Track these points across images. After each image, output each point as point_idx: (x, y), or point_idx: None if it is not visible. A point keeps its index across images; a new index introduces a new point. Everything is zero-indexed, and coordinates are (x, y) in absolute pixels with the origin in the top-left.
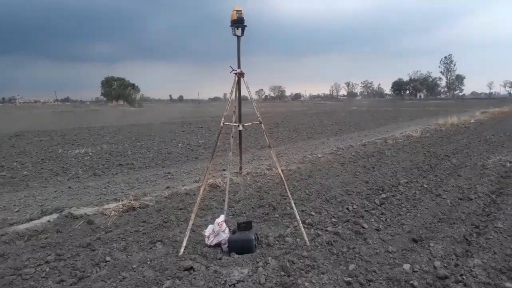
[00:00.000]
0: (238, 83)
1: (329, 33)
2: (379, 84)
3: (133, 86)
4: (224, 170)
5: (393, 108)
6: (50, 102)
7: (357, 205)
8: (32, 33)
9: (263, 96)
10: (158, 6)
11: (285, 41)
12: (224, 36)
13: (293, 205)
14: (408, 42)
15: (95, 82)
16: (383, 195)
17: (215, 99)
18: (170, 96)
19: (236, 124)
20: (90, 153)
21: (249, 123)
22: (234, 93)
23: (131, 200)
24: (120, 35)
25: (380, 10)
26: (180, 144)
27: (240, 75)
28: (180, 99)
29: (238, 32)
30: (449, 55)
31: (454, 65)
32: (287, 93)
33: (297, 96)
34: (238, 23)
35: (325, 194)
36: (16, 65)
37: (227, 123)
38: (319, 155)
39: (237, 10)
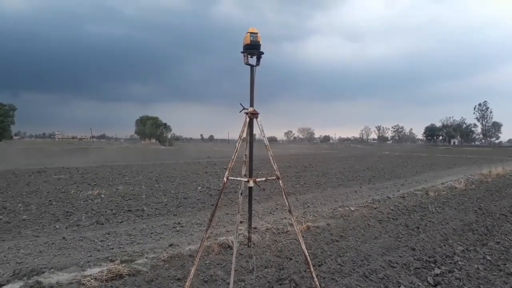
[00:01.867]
0: (250, 125)
1: (358, 79)
2: (411, 129)
3: (165, 125)
4: (241, 222)
5: (428, 155)
6: (87, 138)
7: (405, 286)
8: (74, 73)
9: (291, 138)
10: (193, 50)
11: (315, 86)
12: (262, 81)
13: (317, 283)
14: (439, 88)
15: (131, 120)
16: (437, 270)
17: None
18: (201, 135)
19: (246, 179)
20: (103, 195)
21: (263, 179)
22: (245, 137)
23: (119, 265)
24: (156, 77)
25: (409, 57)
26: (199, 188)
27: (253, 115)
28: (211, 138)
29: (252, 60)
30: (484, 101)
31: (491, 112)
32: (316, 135)
33: (326, 139)
34: (253, 48)
35: (363, 266)
36: (59, 102)
37: (232, 178)
38: (352, 208)
39: (251, 33)
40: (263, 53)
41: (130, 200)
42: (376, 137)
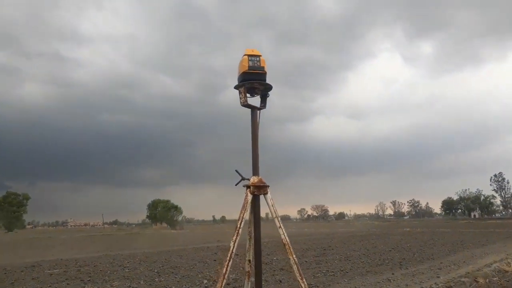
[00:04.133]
0: (254, 204)
1: (367, 155)
2: (427, 203)
3: (176, 208)
4: None
5: (451, 230)
6: (99, 225)
7: None
8: (87, 160)
9: (305, 216)
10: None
11: (325, 162)
12: (270, 159)
13: None
14: (450, 161)
15: (143, 205)
16: None
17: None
18: (213, 217)
19: None
20: None
21: None
22: (247, 223)
23: None
24: (168, 161)
25: (415, 131)
26: (205, 281)
27: (258, 189)
28: (223, 219)
29: (256, 100)
30: (499, 173)
31: (507, 182)
32: (330, 212)
33: (340, 216)
34: (254, 79)
35: None
36: (72, 189)
37: None
38: None
39: (250, 55)
40: (270, 87)
41: None
42: (392, 212)
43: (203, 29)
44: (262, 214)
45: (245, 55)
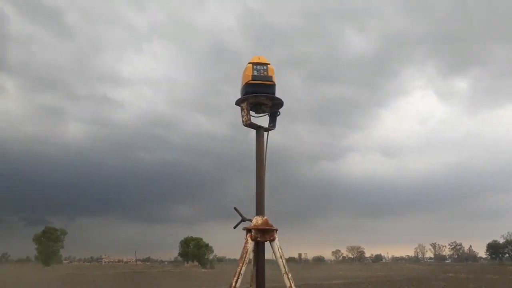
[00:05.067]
0: (258, 251)
1: (403, 194)
2: (470, 246)
3: (207, 246)
4: None
5: (500, 277)
6: (132, 261)
7: None
8: (123, 197)
9: (340, 257)
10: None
11: (360, 202)
12: (303, 198)
13: None
14: (492, 201)
15: (176, 242)
16: None
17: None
18: None
19: None
20: None
21: None
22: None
23: None
24: (201, 198)
25: (453, 170)
26: None
27: (262, 233)
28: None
29: (264, 120)
30: None
31: None
32: (367, 254)
33: (377, 258)
34: (259, 91)
35: None
36: (107, 225)
37: None
38: None
39: (255, 63)
40: (281, 103)
41: None
42: (432, 255)
43: (236, 70)
44: (294, 254)
45: (249, 63)
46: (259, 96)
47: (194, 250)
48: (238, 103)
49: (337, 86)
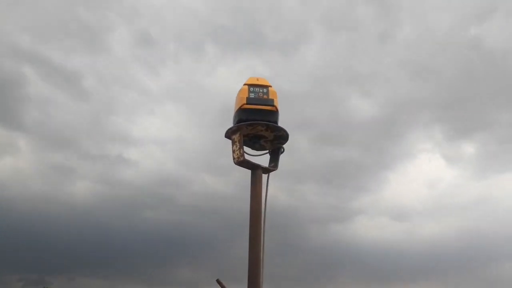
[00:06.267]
0: None
1: (413, 259)
2: None
3: None
4: None
5: None
6: None
7: None
8: (124, 258)
9: None
10: (241, 232)
11: (368, 266)
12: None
13: None
14: (509, 268)
15: None
16: None
17: None
18: None
19: None
20: None
21: None
22: None
23: None
24: (205, 259)
25: (466, 235)
26: None
27: None
28: None
29: (263, 158)
30: None
31: None
32: None
33: None
34: (257, 119)
35: None
36: (107, 287)
37: None
38: None
39: (250, 85)
40: (286, 135)
41: None
42: None
43: None
44: None
45: (244, 84)
46: (256, 125)
47: None
48: (228, 134)
49: (344, 149)
